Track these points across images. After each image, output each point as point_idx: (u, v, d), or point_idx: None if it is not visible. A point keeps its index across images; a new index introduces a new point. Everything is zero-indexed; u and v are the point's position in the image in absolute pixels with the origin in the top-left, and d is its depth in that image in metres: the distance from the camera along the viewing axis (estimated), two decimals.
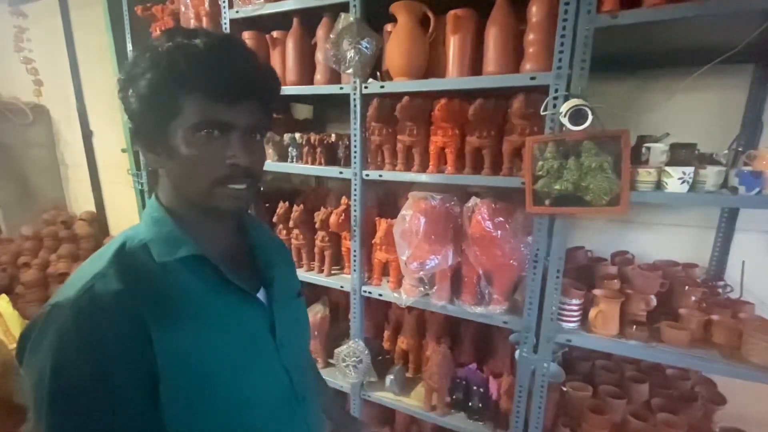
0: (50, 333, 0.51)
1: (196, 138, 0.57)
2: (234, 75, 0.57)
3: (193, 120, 0.56)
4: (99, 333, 0.52)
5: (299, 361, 0.75)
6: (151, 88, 0.55)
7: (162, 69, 0.54)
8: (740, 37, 1.02)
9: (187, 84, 0.55)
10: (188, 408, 0.57)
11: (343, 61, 1.31)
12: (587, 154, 1.06)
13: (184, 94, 0.55)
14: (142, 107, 0.57)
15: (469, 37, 1.22)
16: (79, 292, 0.53)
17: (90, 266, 0.57)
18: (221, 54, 0.56)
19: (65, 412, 0.51)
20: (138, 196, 2.38)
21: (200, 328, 0.59)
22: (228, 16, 1.56)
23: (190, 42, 0.55)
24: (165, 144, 0.58)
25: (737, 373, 1.06)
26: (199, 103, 0.55)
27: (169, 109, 0.56)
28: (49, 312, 0.53)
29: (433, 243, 1.31)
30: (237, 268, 0.65)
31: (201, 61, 0.55)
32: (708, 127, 1.43)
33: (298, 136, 1.59)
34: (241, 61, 0.58)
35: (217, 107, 0.56)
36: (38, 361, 0.51)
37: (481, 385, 1.43)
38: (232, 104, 0.57)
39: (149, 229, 0.61)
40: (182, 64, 0.54)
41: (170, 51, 0.55)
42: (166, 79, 0.55)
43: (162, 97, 0.55)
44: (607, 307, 1.19)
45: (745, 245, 1.44)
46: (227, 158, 0.58)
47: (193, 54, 0.55)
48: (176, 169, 0.59)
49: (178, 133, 0.56)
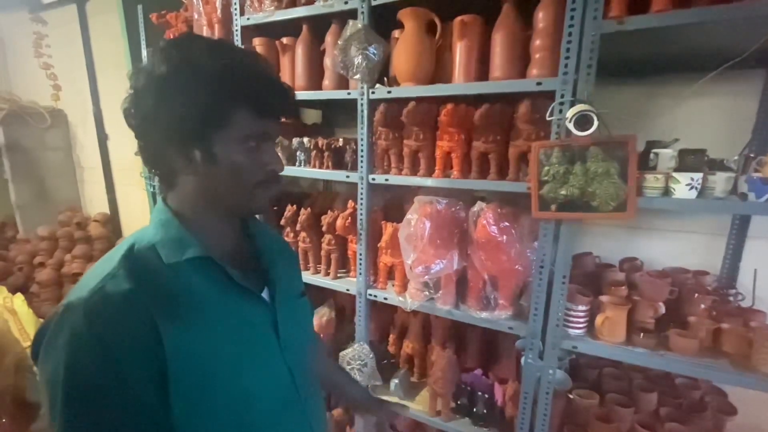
0: (63, 332, 0.53)
1: (242, 148, 0.62)
2: (276, 92, 0.64)
3: (242, 132, 0.61)
4: (110, 331, 0.53)
5: (302, 361, 0.76)
6: (204, 100, 0.58)
7: (217, 83, 0.58)
8: (751, 41, 1.00)
9: (240, 99, 0.60)
10: (194, 404, 0.58)
11: (351, 67, 1.33)
12: (593, 159, 1.06)
13: (234, 107, 0.60)
14: (188, 116, 0.58)
15: (476, 42, 1.23)
16: (91, 292, 0.55)
17: (101, 267, 0.59)
18: (266, 73, 0.63)
19: (79, 409, 0.52)
20: (150, 198, 2.44)
21: (207, 326, 0.61)
22: (239, 23, 1.59)
23: (241, 60, 0.61)
24: (205, 151, 0.60)
25: (746, 382, 1.04)
26: (248, 116, 0.61)
27: (218, 119, 0.60)
28: (63, 312, 0.55)
29: (439, 247, 1.31)
30: (242, 269, 0.67)
31: (253, 79, 0.61)
32: (719, 133, 1.41)
33: (306, 140, 1.61)
34: (276, 78, 0.65)
35: (262, 121, 0.63)
36: (52, 360, 0.53)
37: (486, 391, 1.43)
38: (274, 118, 0.66)
39: (157, 231, 0.63)
40: (238, 81, 0.59)
41: (225, 68, 0.59)
42: (221, 94, 0.59)
43: (213, 109, 0.59)
44: (614, 314, 1.18)
45: (758, 253, 1.41)
46: (266, 165, 0.65)
47: (246, 72, 0.61)
48: (216, 175, 0.62)
49: (223, 142, 0.61)
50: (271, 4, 1.50)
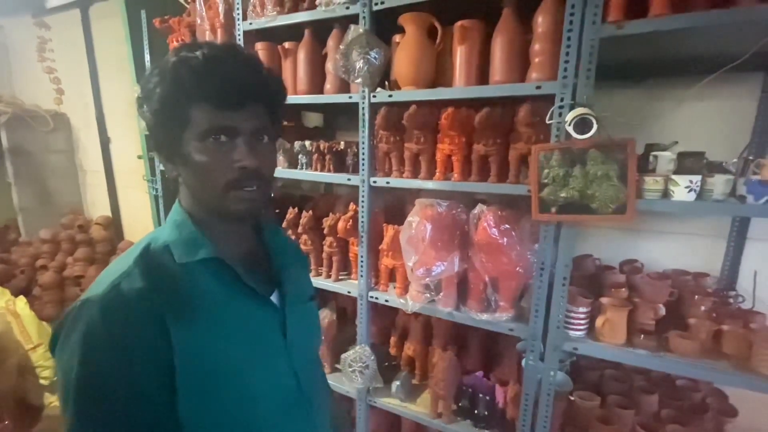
0: (79, 327, 0.55)
1: (205, 145, 0.60)
2: (233, 81, 0.59)
3: (201, 128, 0.59)
4: (123, 327, 0.55)
5: (308, 364, 0.77)
6: (161, 102, 0.59)
7: (168, 82, 0.58)
8: (749, 45, 1.02)
9: (192, 94, 0.58)
10: (201, 401, 0.59)
11: (353, 71, 1.34)
12: (593, 162, 1.07)
13: (190, 104, 0.59)
14: (156, 120, 0.61)
15: (476, 47, 1.24)
16: (107, 288, 0.56)
17: (118, 265, 0.61)
18: (220, 63, 0.59)
19: (90, 402, 0.54)
20: (152, 201, 2.44)
21: (215, 326, 0.62)
22: (242, 27, 1.61)
23: (192, 54, 0.58)
24: (179, 153, 0.61)
25: (747, 384, 1.04)
26: (205, 111, 0.59)
27: (180, 120, 0.59)
28: (80, 307, 0.56)
29: (440, 249, 1.32)
30: (252, 270, 0.68)
31: (201, 71, 0.58)
32: (717, 135, 1.41)
33: (308, 143, 1.63)
34: (240, 67, 0.61)
35: (221, 114, 0.59)
36: (67, 353, 0.55)
37: (487, 393, 1.43)
38: (236, 110, 0.60)
39: (172, 231, 0.65)
40: (185, 76, 0.58)
41: (175, 65, 0.58)
42: (173, 92, 0.58)
43: (171, 109, 0.59)
44: (615, 316, 1.19)
45: (758, 255, 1.41)
46: (235, 162, 0.60)
47: (194, 65, 0.58)
48: (191, 176, 0.63)
49: (189, 142, 0.60)
50: (273, 9, 1.51)
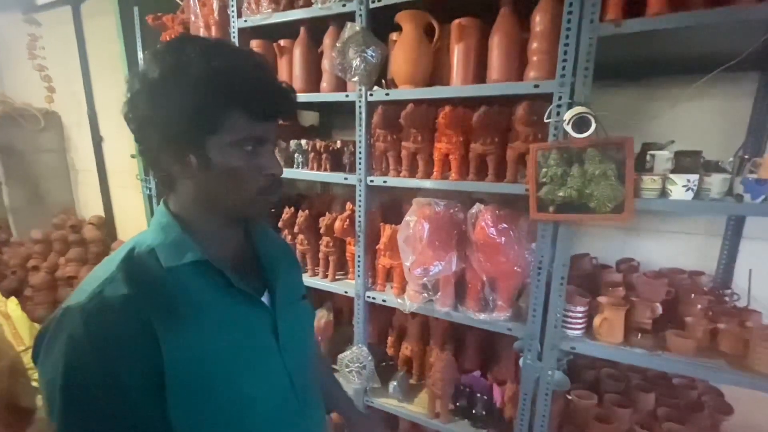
0: (62, 336, 0.53)
1: (237, 152, 0.60)
2: (272, 94, 0.62)
3: (236, 136, 0.59)
4: (108, 335, 0.53)
5: (302, 365, 0.76)
6: (195, 104, 0.56)
7: (207, 87, 0.56)
8: (745, 45, 1.02)
9: (233, 103, 0.58)
10: (192, 407, 0.58)
11: (349, 70, 1.33)
12: (591, 161, 1.06)
13: (227, 111, 0.58)
14: (181, 121, 0.57)
15: (473, 45, 1.24)
16: (90, 296, 0.55)
17: (100, 271, 0.59)
18: (261, 75, 0.61)
19: (76, 413, 0.53)
20: (146, 201, 2.42)
21: (204, 330, 0.60)
22: (237, 25, 1.59)
23: (234, 62, 0.59)
24: (200, 156, 0.59)
25: (743, 382, 1.05)
26: (242, 120, 0.59)
27: (210, 124, 0.58)
28: (62, 315, 0.55)
29: (437, 249, 1.31)
30: (242, 272, 0.67)
31: (246, 81, 0.59)
32: (713, 134, 1.42)
33: (304, 142, 1.61)
34: (274, 80, 0.63)
35: (257, 124, 0.61)
36: (51, 363, 0.53)
37: (484, 393, 1.43)
38: (269, 121, 0.63)
39: (157, 235, 0.63)
40: (229, 84, 0.57)
41: (217, 71, 0.56)
42: (212, 97, 0.56)
43: (205, 113, 0.57)
44: (612, 315, 1.19)
45: (752, 253, 1.42)
46: (264, 169, 0.63)
47: (238, 74, 0.58)
48: (212, 180, 0.61)
49: (218, 147, 0.59)
50: (268, 6, 1.49)
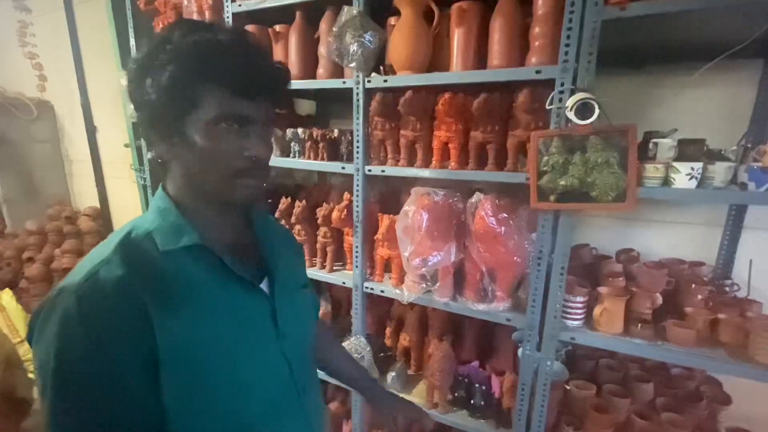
0: (55, 316, 0.53)
1: (215, 130, 0.58)
2: (255, 71, 0.59)
3: (213, 113, 0.57)
4: (100, 317, 0.53)
5: (301, 353, 0.75)
6: (172, 80, 0.55)
7: (185, 61, 0.55)
8: (749, 32, 1.00)
9: (210, 77, 0.56)
10: (187, 393, 0.58)
11: (346, 55, 1.29)
12: (593, 149, 1.04)
13: (205, 86, 0.56)
14: (161, 98, 0.57)
15: (474, 30, 1.21)
16: (84, 277, 0.54)
17: (97, 253, 0.59)
18: (243, 50, 0.58)
19: (67, 394, 0.52)
20: (141, 191, 2.38)
21: (199, 315, 0.59)
22: (230, 9, 1.55)
23: (214, 37, 0.57)
24: (182, 135, 0.58)
25: (743, 372, 1.04)
26: (220, 96, 0.57)
27: (190, 100, 0.57)
28: (56, 295, 0.54)
29: (436, 239, 1.29)
30: (241, 258, 0.66)
31: (225, 56, 0.56)
32: (717, 122, 1.40)
33: (301, 131, 1.58)
34: (260, 57, 0.60)
35: (237, 101, 0.58)
36: (44, 344, 0.53)
37: (483, 383, 1.42)
38: (252, 99, 0.59)
39: (155, 218, 0.62)
40: (206, 58, 0.56)
41: (195, 44, 0.56)
42: (189, 72, 0.56)
43: (183, 89, 0.56)
44: (612, 305, 1.18)
45: (753, 243, 1.41)
46: (245, 150, 0.60)
47: (217, 49, 0.56)
48: (193, 160, 0.60)
49: (196, 125, 0.58)
50: None
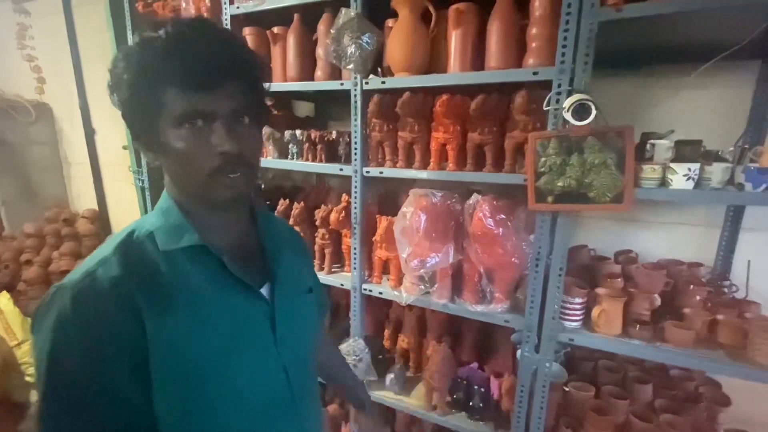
0: (51, 313, 0.53)
1: (181, 131, 0.56)
2: (201, 60, 0.54)
3: (175, 113, 0.55)
4: (93, 317, 0.53)
5: (300, 360, 0.72)
6: (130, 89, 0.55)
7: (134, 67, 0.55)
8: (746, 33, 1.00)
9: (160, 78, 0.54)
10: (178, 395, 0.57)
11: (344, 57, 1.30)
12: (591, 150, 1.05)
13: (160, 89, 0.54)
14: (128, 109, 0.58)
15: (471, 31, 1.21)
16: (82, 275, 0.55)
17: (99, 252, 0.59)
18: (186, 41, 0.54)
19: (59, 390, 0.53)
20: (139, 193, 2.38)
21: (194, 317, 0.58)
22: (229, 11, 1.55)
23: (155, 34, 0.54)
24: (158, 142, 0.58)
25: (742, 373, 1.04)
26: (176, 95, 0.54)
27: (153, 106, 0.56)
28: (54, 293, 0.55)
29: (434, 241, 1.29)
30: (243, 261, 0.65)
31: (166, 52, 0.54)
32: (714, 123, 1.40)
33: (299, 133, 1.58)
34: (209, 44, 0.55)
35: (194, 96, 0.54)
36: (40, 340, 0.54)
37: (482, 385, 1.42)
38: (210, 90, 0.55)
39: (157, 218, 0.62)
40: (150, 58, 0.54)
41: (139, 47, 0.55)
42: (141, 77, 0.54)
43: (142, 96, 0.55)
44: (610, 306, 1.18)
45: (751, 244, 1.41)
46: (215, 147, 0.56)
47: (158, 46, 0.54)
48: (171, 164, 0.60)
49: (166, 129, 0.56)
50: None
